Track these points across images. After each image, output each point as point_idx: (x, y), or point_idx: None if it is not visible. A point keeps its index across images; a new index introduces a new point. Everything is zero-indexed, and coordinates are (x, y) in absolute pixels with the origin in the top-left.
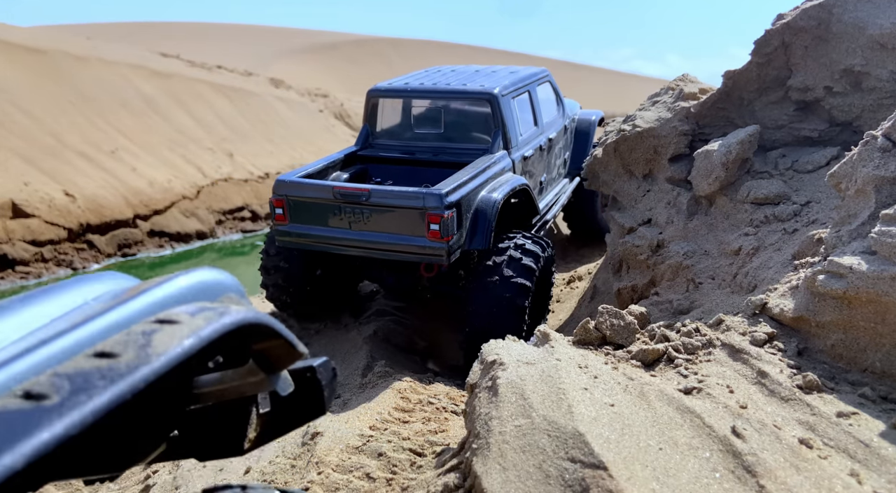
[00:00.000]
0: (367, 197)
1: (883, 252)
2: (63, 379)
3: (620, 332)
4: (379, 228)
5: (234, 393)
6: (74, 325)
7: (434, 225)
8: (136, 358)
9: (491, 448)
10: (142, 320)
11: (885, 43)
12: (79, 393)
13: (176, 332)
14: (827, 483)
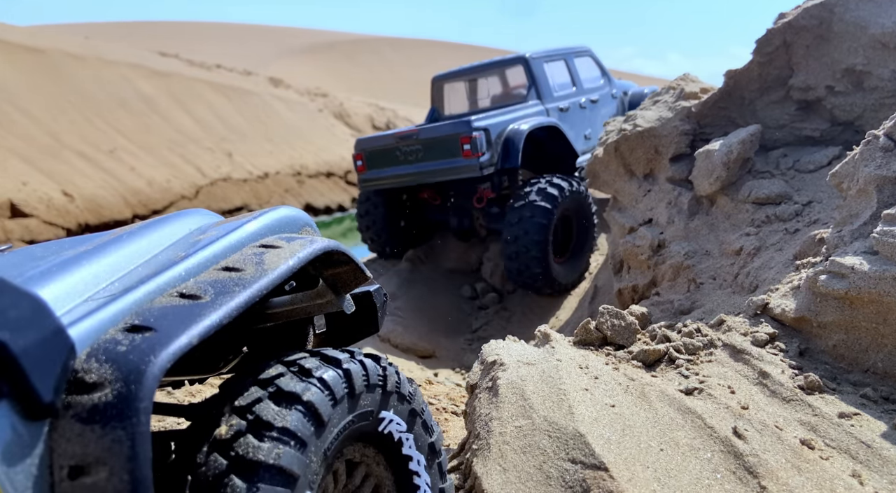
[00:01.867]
0: (417, 135)
1: (885, 252)
2: (206, 285)
3: (621, 332)
4: (428, 159)
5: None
6: (200, 247)
7: (466, 145)
8: (256, 272)
9: (491, 449)
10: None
11: (887, 42)
12: (222, 295)
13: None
14: (828, 484)
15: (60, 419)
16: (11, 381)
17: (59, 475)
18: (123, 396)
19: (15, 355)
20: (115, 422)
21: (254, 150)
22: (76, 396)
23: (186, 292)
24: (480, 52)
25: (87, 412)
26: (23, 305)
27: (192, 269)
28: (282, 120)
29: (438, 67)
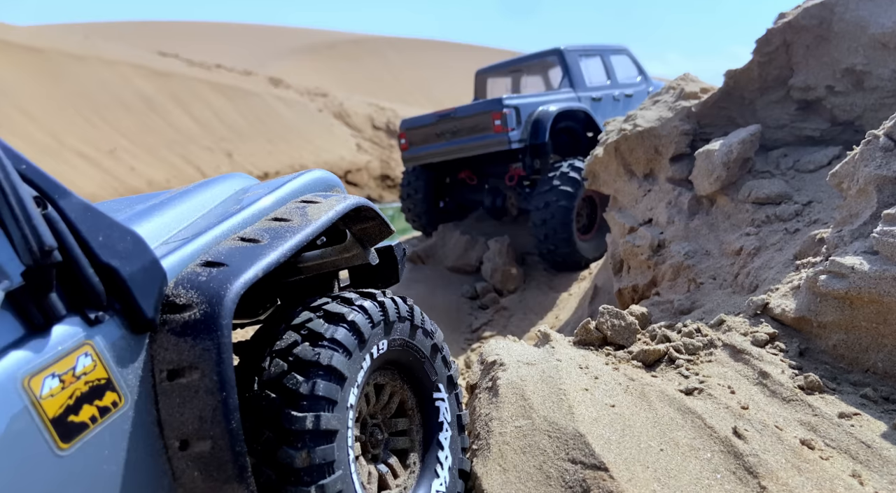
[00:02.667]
0: (454, 113)
1: (885, 252)
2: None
3: (621, 332)
4: (463, 135)
5: (331, 266)
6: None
7: (497, 121)
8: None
9: (491, 449)
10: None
11: (887, 42)
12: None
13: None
14: (828, 484)
15: (158, 333)
16: (121, 300)
17: (159, 376)
18: (209, 314)
19: (124, 278)
20: (204, 335)
21: (253, 150)
22: (170, 314)
23: (247, 237)
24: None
25: (179, 327)
26: (127, 240)
27: (247, 219)
28: (282, 120)
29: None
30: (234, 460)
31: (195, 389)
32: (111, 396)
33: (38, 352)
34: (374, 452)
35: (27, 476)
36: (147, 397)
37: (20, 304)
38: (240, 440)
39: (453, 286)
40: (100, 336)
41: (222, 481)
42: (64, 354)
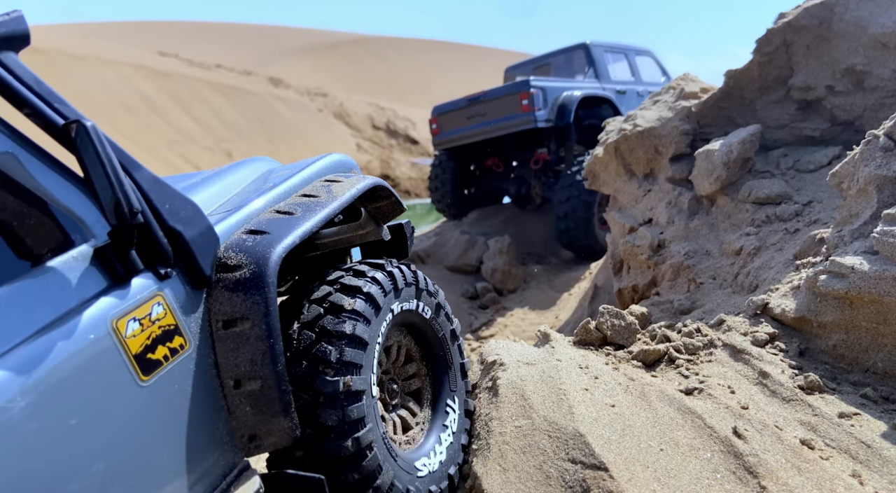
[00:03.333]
0: (483, 96)
1: (885, 252)
2: (295, 206)
3: (621, 332)
4: (492, 116)
5: (346, 242)
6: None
7: (524, 100)
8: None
9: (491, 449)
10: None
11: (887, 42)
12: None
13: (343, 186)
14: (828, 484)
15: (214, 289)
16: (184, 260)
17: (215, 325)
18: (257, 274)
19: (187, 241)
20: (253, 291)
21: (253, 149)
22: (223, 273)
23: (282, 210)
24: (480, 52)
25: (232, 284)
26: (188, 208)
27: (280, 195)
28: (281, 120)
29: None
30: (280, 397)
31: (247, 336)
32: (178, 340)
33: (122, 299)
34: (393, 402)
35: (117, 402)
36: (206, 343)
37: (106, 259)
38: (285, 381)
39: (453, 286)
40: (168, 289)
41: (270, 415)
42: (142, 302)
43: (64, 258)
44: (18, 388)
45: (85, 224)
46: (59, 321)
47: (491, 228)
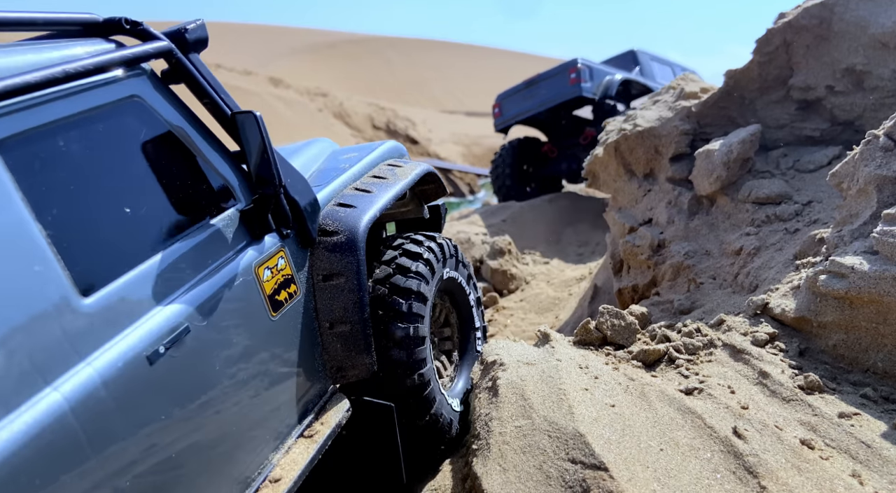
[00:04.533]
0: (538, 77)
1: (885, 252)
2: (371, 185)
3: (621, 332)
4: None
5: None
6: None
7: (573, 74)
8: (394, 179)
9: (491, 449)
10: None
11: (887, 42)
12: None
13: (404, 170)
14: (828, 484)
15: (316, 249)
16: (298, 224)
17: (316, 278)
18: (350, 239)
19: (301, 209)
20: (347, 252)
21: None
22: (323, 237)
23: (361, 188)
24: (480, 52)
25: (330, 246)
26: (302, 182)
27: (355, 174)
28: (281, 120)
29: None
30: (364, 339)
31: (341, 289)
32: (293, 287)
33: (259, 252)
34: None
35: (257, 328)
36: (310, 292)
37: (249, 220)
38: (368, 326)
39: None
40: (287, 247)
41: (355, 352)
42: (272, 255)
43: (221, 217)
44: (198, 311)
45: (235, 192)
46: (222, 265)
47: (491, 227)
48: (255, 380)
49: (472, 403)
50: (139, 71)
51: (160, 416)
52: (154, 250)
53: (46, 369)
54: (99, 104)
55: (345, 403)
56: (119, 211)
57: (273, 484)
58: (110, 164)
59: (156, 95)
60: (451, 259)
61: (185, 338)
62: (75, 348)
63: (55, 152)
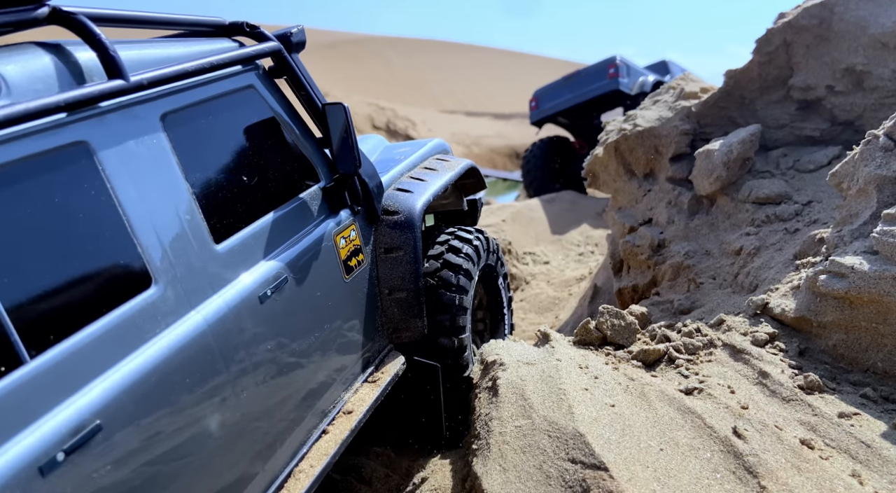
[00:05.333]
0: (577, 73)
1: (885, 252)
2: (424, 174)
3: (621, 332)
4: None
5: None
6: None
7: (611, 69)
8: (443, 171)
9: (491, 449)
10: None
11: (887, 42)
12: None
13: (451, 164)
14: (828, 484)
15: (379, 226)
16: (366, 203)
17: (379, 251)
18: (408, 218)
19: (370, 190)
20: (406, 229)
21: None
22: (385, 216)
23: (415, 176)
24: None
25: (391, 224)
26: (371, 166)
27: (409, 165)
28: None
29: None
30: (417, 305)
31: (399, 261)
32: (361, 256)
33: (337, 224)
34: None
35: (333, 288)
36: (373, 262)
37: (329, 196)
38: (422, 294)
39: None
40: (357, 222)
41: (410, 316)
42: (345, 227)
43: (308, 192)
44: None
45: (319, 172)
46: (310, 231)
47: (491, 227)
48: (332, 330)
49: (473, 402)
50: (254, 66)
51: (266, 345)
52: (264, 212)
53: (192, 296)
54: (227, 91)
55: (400, 358)
56: (239, 177)
57: (346, 415)
58: (232, 139)
59: (265, 86)
60: (493, 253)
61: (285, 286)
62: (210, 283)
63: (197, 127)
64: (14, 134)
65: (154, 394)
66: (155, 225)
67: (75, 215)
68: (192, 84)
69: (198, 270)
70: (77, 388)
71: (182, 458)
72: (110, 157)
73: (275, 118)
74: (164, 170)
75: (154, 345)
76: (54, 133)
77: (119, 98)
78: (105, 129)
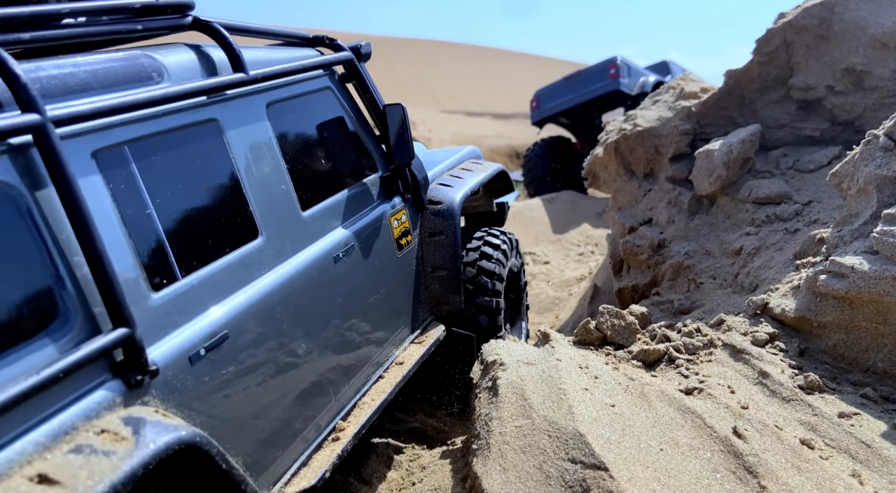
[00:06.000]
0: (578, 73)
1: (885, 252)
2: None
3: (621, 332)
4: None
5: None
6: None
7: (612, 69)
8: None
9: (491, 449)
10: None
11: (887, 42)
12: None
13: (484, 167)
14: (828, 484)
15: (424, 213)
16: (414, 193)
17: (424, 235)
18: (450, 206)
19: (419, 182)
20: (448, 217)
21: None
22: (430, 205)
23: (454, 174)
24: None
25: (435, 212)
26: (419, 161)
27: (448, 166)
28: None
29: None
30: (456, 282)
31: (441, 244)
32: (409, 237)
33: (391, 207)
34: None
35: (388, 261)
36: (419, 244)
37: (385, 184)
38: (461, 273)
39: None
40: (407, 208)
41: (449, 292)
42: (398, 210)
43: (369, 179)
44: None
45: (377, 162)
46: (370, 210)
47: None
48: (386, 294)
49: (473, 402)
50: (331, 72)
51: (337, 298)
52: (337, 191)
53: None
54: (310, 90)
55: (441, 327)
56: (319, 160)
57: (398, 366)
58: (313, 129)
59: (338, 88)
60: (517, 253)
61: (352, 252)
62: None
63: (288, 117)
64: (172, 109)
65: (261, 318)
66: (261, 190)
67: (210, 176)
68: (289, 82)
69: (289, 229)
70: (211, 305)
71: (279, 372)
72: (232, 133)
73: (345, 115)
74: (267, 147)
75: (260, 282)
76: (196, 111)
77: (240, 88)
78: (229, 111)
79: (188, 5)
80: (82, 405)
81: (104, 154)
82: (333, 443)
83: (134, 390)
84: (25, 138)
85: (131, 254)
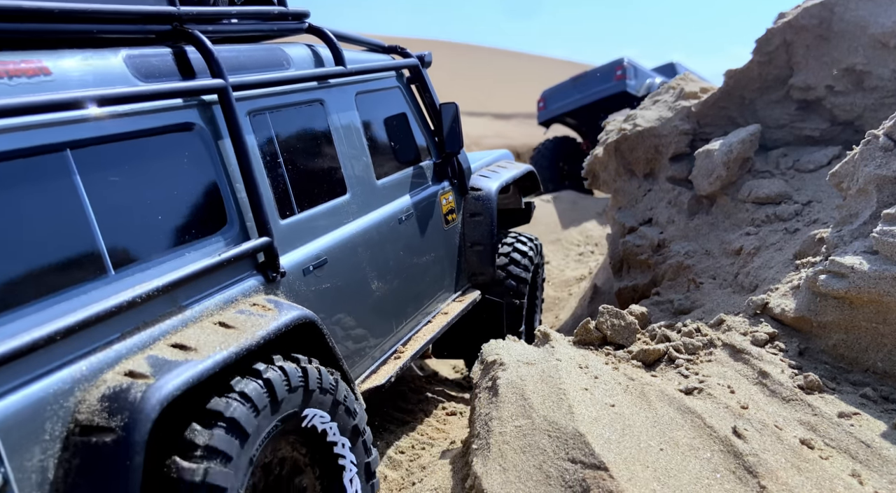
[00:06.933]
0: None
1: (884, 252)
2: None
3: (621, 332)
4: (590, 87)
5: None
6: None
7: (619, 71)
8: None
9: (491, 449)
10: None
11: (887, 42)
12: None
13: (516, 166)
14: (828, 484)
15: (466, 197)
16: (460, 179)
17: (466, 215)
18: (488, 193)
19: (463, 169)
20: (486, 201)
21: None
22: (471, 192)
23: (491, 170)
24: (481, 52)
25: (475, 197)
26: (464, 153)
27: (485, 163)
28: None
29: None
30: (491, 254)
31: (480, 223)
32: (454, 216)
33: (442, 189)
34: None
35: (437, 231)
36: (461, 223)
37: (437, 170)
38: (495, 249)
39: None
40: (451, 191)
41: (484, 263)
42: (446, 191)
43: (425, 163)
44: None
45: (430, 151)
46: (424, 188)
47: None
48: (435, 259)
49: (473, 402)
50: (400, 74)
51: (400, 252)
52: (401, 169)
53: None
54: (384, 87)
55: (477, 292)
56: (389, 142)
57: (443, 315)
58: (385, 118)
59: (404, 88)
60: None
61: (412, 217)
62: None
63: (368, 106)
64: (296, 88)
65: (349, 252)
66: (349, 159)
67: (317, 142)
68: (371, 78)
69: (368, 192)
70: (315, 237)
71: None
72: (333, 112)
73: (408, 110)
74: (354, 127)
75: (348, 227)
76: (310, 92)
77: (339, 78)
78: (331, 95)
79: (305, 14)
80: (238, 287)
81: (255, 115)
82: (395, 360)
83: (270, 284)
84: (212, 97)
85: (269, 188)
